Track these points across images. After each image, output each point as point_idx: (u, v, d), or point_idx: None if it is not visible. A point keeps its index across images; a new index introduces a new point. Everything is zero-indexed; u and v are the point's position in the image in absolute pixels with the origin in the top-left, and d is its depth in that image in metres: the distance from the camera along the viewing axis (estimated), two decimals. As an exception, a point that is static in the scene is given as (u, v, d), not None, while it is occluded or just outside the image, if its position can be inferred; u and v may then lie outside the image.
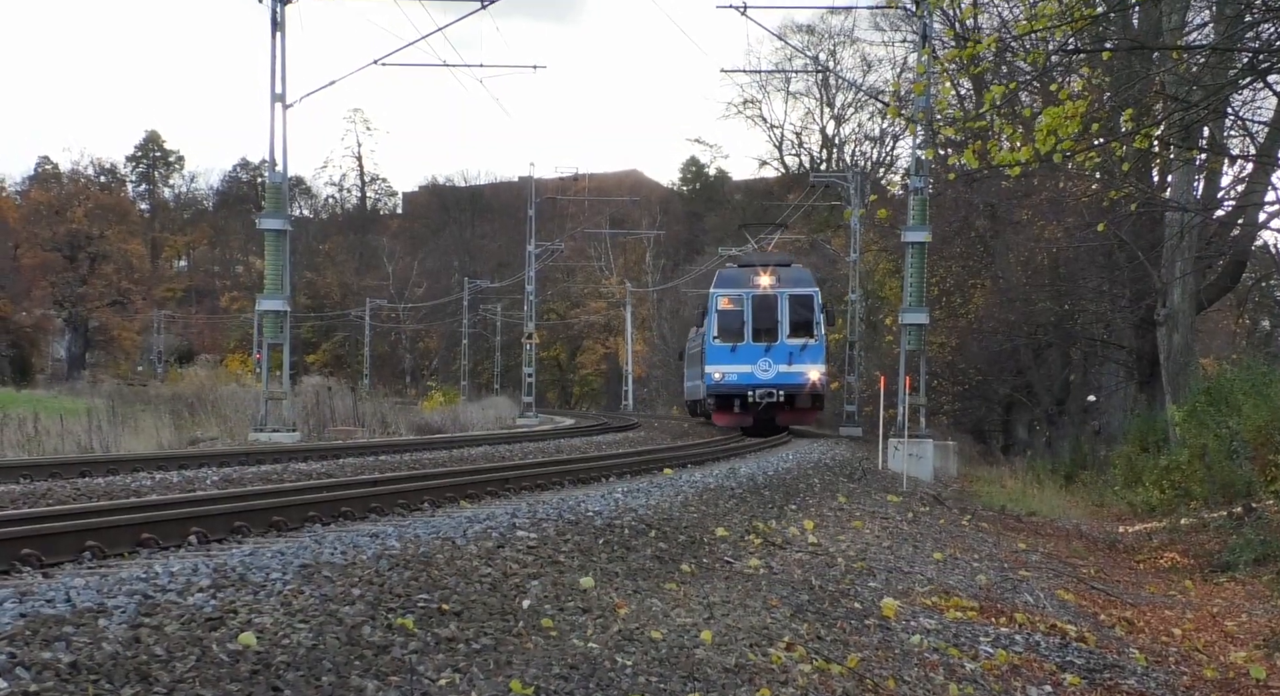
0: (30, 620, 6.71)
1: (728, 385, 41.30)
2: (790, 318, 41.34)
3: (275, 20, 33.12)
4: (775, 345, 41.22)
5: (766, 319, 41.44)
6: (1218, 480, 26.72)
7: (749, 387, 41.03)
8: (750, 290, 41.72)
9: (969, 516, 23.35)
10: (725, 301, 41.90)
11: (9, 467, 19.74)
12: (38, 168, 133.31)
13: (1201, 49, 22.08)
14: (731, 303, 41.81)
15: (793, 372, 41.04)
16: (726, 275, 43.24)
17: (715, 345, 41.81)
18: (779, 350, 41.22)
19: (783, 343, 41.22)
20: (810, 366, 41.21)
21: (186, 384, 63.53)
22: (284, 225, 33.52)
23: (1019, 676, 10.27)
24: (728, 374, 41.27)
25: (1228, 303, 47.13)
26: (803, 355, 41.13)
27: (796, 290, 41.72)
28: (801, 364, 41.12)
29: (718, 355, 41.60)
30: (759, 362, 41.07)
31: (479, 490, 16.84)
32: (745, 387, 41.06)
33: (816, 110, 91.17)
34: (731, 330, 41.60)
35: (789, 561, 13.17)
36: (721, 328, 41.71)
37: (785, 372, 41.04)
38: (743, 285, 41.97)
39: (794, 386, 40.96)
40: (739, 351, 41.31)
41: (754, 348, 41.39)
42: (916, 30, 38.20)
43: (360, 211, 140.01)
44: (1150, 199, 33.60)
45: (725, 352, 41.45)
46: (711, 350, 42.00)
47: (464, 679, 7.13)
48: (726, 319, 41.74)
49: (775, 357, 41.06)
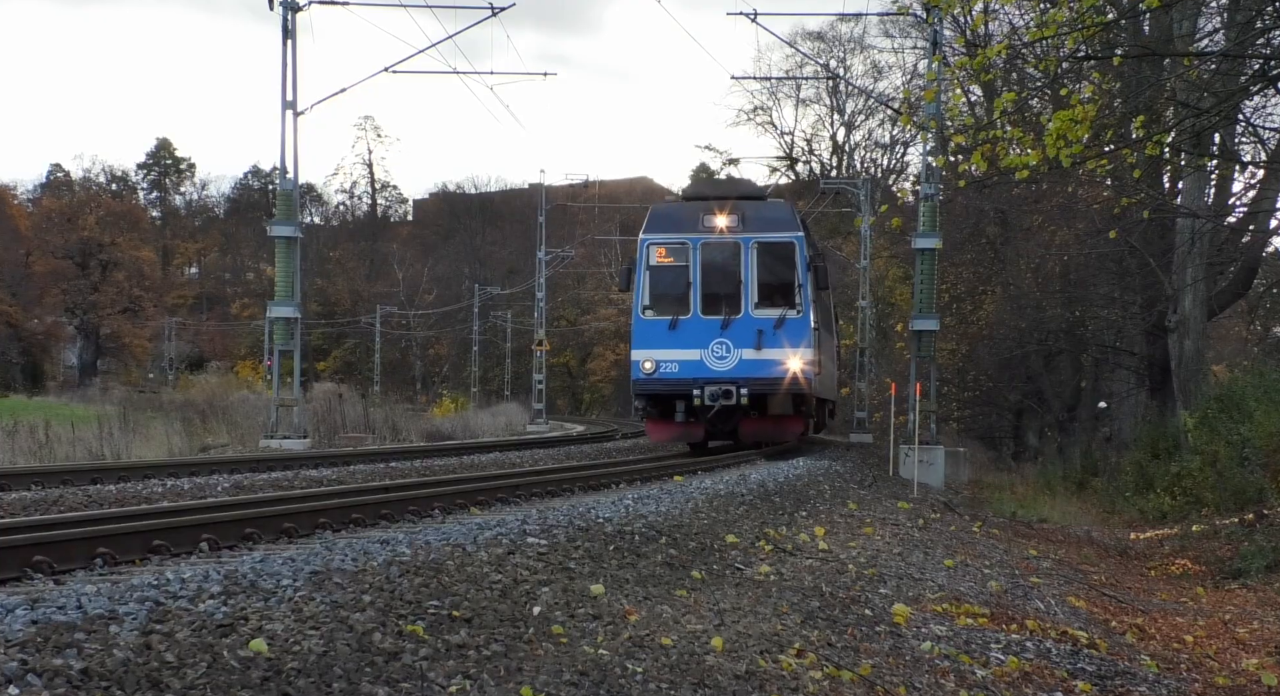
0: (42, 627, 6.72)
1: (664, 381, 28.51)
2: (760, 277, 28.81)
3: (286, 28, 33.19)
4: (737, 319, 28.61)
5: (724, 279, 28.85)
6: (1229, 487, 26.68)
7: (696, 383, 28.36)
8: (699, 235, 28.91)
9: (980, 523, 23.33)
10: (660, 253, 29.01)
11: (21, 474, 19.78)
12: (49, 175, 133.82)
13: (1212, 55, 22.05)
14: (670, 254, 29.02)
15: (763, 361, 28.39)
16: (664, 213, 29.93)
17: (645, 320, 28.91)
18: (742, 327, 28.62)
19: (748, 315, 28.61)
20: (790, 351, 28.47)
21: (197, 391, 63.62)
22: (295, 232, 33.57)
23: (1030, 683, 10.25)
24: (664, 363, 28.46)
25: (1239, 309, 47.01)
26: (779, 334, 28.51)
27: (770, 236, 28.90)
28: (776, 348, 28.47)
29: (649, 335, 28.80)
30: (712, 346, 28.45)
31: (489, 497, 16.84)
32: (690, 384, 28.36)
33: (827, 117, 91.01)
34: (670, 297, 28.90)
35: (799, 568, 13.16)
36: (655, 293, 28.96)
37: (752, 361, 28.40)
38: (688, 228, 29.06)
39: (765, 381, 28.43)
40: (682, 329, 28.54)
41: (704, 324, 28.65)
42: (926, 37, 38.23)
43: (371, 218, 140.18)
44: (1161, 205, 33.57)
45: (660, 332, 28.67)
46: (640, 328, 29.04)
47: (474, 685, 7.13)
48: (662, 279, 29.05)
49: (737, 338, 28.51)
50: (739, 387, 28.13)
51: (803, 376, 28.50)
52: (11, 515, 14.08)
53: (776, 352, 28.45)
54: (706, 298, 28.77)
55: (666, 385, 28.50)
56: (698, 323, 28.66)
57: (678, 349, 28.55)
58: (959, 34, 34.65)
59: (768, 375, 28.36)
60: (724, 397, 28.15)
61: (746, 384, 28.19)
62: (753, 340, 28.45)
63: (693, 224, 29.03)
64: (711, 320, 28.57)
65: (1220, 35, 27.74)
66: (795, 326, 28.70)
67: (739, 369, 28.36)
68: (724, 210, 29.03)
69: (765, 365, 28.43)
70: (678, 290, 28.80)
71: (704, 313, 28.67)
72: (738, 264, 28.81)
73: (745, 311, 28.64)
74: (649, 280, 28.96)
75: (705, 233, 28.92)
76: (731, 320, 28.55)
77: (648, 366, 28.62)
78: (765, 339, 28.48)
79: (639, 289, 28.95)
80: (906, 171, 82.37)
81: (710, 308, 28.67)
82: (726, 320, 28.51)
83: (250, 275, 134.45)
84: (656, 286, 28.99)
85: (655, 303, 28.96)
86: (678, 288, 28.82)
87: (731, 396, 28.12)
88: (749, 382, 28.23)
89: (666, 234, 29.09)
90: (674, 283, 28.89)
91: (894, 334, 56.83)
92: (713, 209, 29.08)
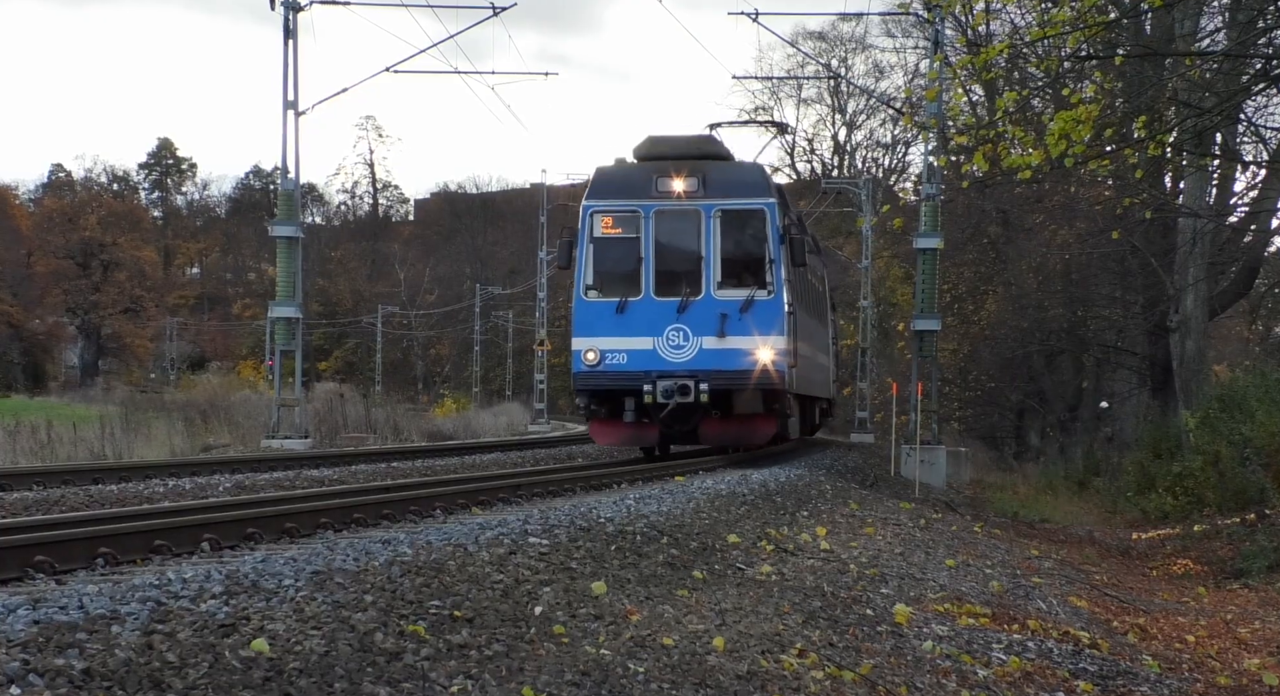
0: (43, 627, 6.73)
1: (610, 374, 24.77)
2: (725, 251, 25.07)
3: (288, 28, 33.19)
4: (697, 302, 24.79)
5: (681, 254, 25.10)
6: (1231, 487, 26.69)
7: (647, 377, 24.46)
8: (652, 202, 25.01)
9: (981, 523, 23.33)
10: (606, 223, 25.23)
11: (22, 474, 19.79)
12: (51, 175, 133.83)
13: (1214, 55, 22.06)
14: (617, 224, 25.22)
15: (728, 351, 24.68)
16: (610, 176, 25.97)
17: (588, 303, 25.20)
18: (703, 311, 24.78)
19: (710, 297, 24.81)
20: (760, 339, 24.70)
21: (199, 391, 63.65)
22: (296, 232, 33.57)
23: (1032, 683, 10.25)
24: (610, 354, 24.85)
25: (1240, 309, 47.03)
26: (746, 319, 24.77)
27: (737, 202, 25.08)
28: (743, 335, 24.76)
29: (593, 320, 25.12)
30: (667, 333, 24.75)
31: (491, 497, 16.85)
32: (640, 377, 24.51)
33: (828, 117, 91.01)
34: (617, 275, 25.23)
35: (801, 568, 13.16)
36: (600, 270, 25.20)
37: (714, 351, 24.67)
38: (639, 193, 25.14)
39: (730, 375, 24.61)
40: (631, 313, 24.88)
41: (658, 307, 24.84)
42: (928, 36, 38.28)
43: (372, 218, 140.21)
44: (1163, 205, 33.58)
45: (605, 316, 24.93)
46: (582, 312, 25.33)
47: (476, 685, 7.13)
48: (609, 254, 25.28)
49: (696, 324, 24.83)
50: (698, 382, 24.33)
51: (774, 368, 24.63)
52: (13, 515, 14.09)
53: (743, 341, 24.70)
54: (661, 276, 24.96)
55: (613, 379, 24.73)
56: (650, 305, 24.86)
57: (626, 336, 24.80)
58: (960, 33, 34.72)
59: (733, 367, 24.57)
60: (680, 394, 24.29)
61: (707, 378, 24.38)
62: (715, 326, 24.62)
63: (645, 188, 25.07)
64: (666, 302, 24.80)
65: (1222, 35, 27.74)
66: (766, 309, 24.81)
67: (699, 360, 24.61)
68: (682, 172, 25.08)
69: (730, 355, 24.62)
70: (626, 267, 25.01)
71: (657, 293, 24.88)
72: (698, 236, 24.96)
73: (706, 292, 24.82)
74: (593, 255, 25.08)
75: (660, 198, 24.98)
76: (690, 302, 24.72)
77: (590, 357, 24.82)
78: (730, 324, 24.65)
79: (581, 265, 25.10)
80: (908, 171, 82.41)
81: (665, 288, 24.91)
82: (684, 302, 24.70)
83: (252, 275, 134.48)
84: (602, 262, 25.16)
85: (600, 282, 25.16)
86: (626, 264, 25.01)
87: (689, 392, 24.29)
88: (710, 376, 24.41)
89: (613, 200, 25.17)
90: (622, 258, 25.07)
91: (895, 334, 56.89)
92: (669, 171, 25.07)
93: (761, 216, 25.03)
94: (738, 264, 25.07)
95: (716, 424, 25.23)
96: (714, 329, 24.57)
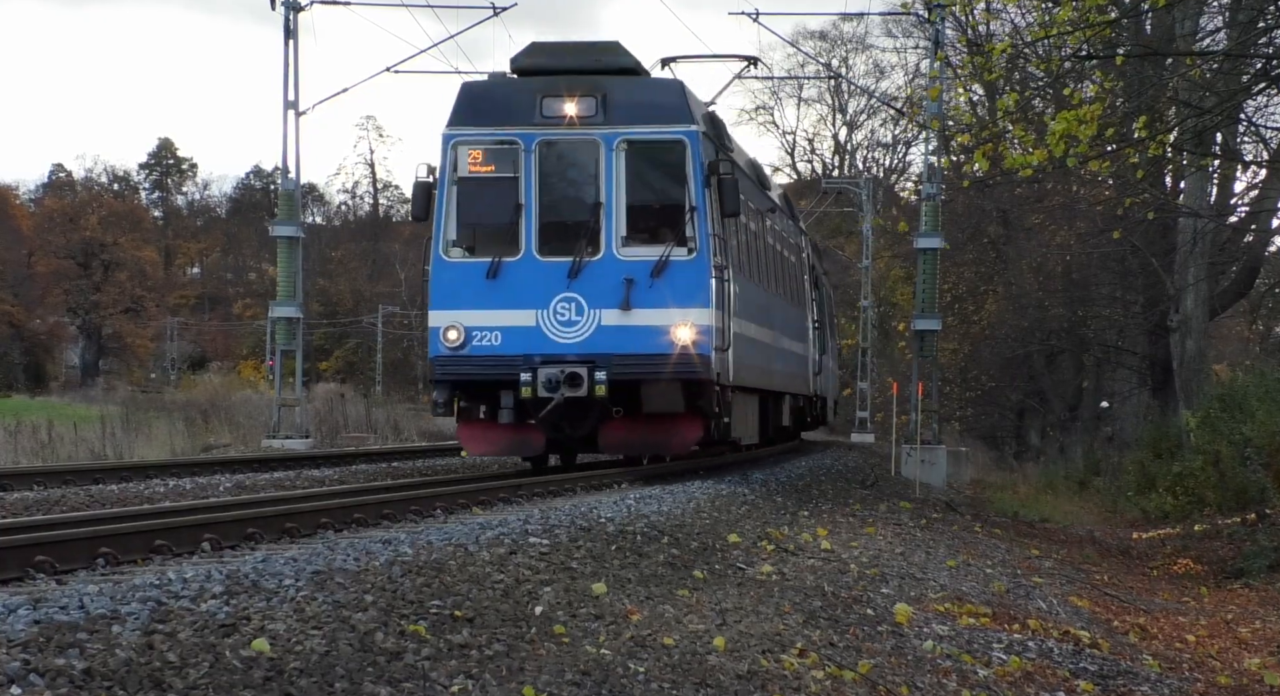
0: (44, 627, 6.73)
1: (478, 359, 19.32)
2: (632, 196, 19.51)
3: (288, 28, 33.18)
4: (594, 263, 19.36)
5: (573, 200, 19.78)
6: (1231, 486, 26.70)
7: (527, 364, 19.00)
8: (536, 130, 19.45)
9: (982, 523, 23.34)
10: (474, 158, 19.62)
11: (23, 474, 19.78)
12: (51, 175, 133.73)
13: (1214, 55, 22.08)
14: (489, 160, 19.66)
15: (635, 328, 19.19)
16: (481, 95, 20.22)
17: (450, 264, 19.72)
18: (602, 275, 19.36)
19: (611, 257, 19.36)
20: (678, 312, 19.20)
21: (200, 391, 63.62)
22: (297, 232, 33.56)
23: (1032, 683, 10.26)
24: (478, 332, 19.29)
25: (1241, 309, 47.07)
26: (660, 287, 19.27)
27: (647, 131, 19.54)
28: (656, 307, 19.21)
29: (455, 287, 19.61)
30: (554, 306, 19.26)
31: (491, 496, 16.84)
32: (518, 364, 19.01)
33: (829, 117, 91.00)
34: (489, 228, 20.04)
35: (801, 568, 13.17)
36: (465, 221, 19.89)
37: (617, 328, 19.24)
38: (518, 118, 19.53)
39: (637, 361, 19.12)
40: (507, 279, 19.33)
41: (543, 270, 19.41)
42: (929, 36, 38.30)
43: (373, 218, 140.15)
44: (1163, 205, 33.59)
45: (472, 282, 19.49)
46: (442, 276, 19.77)
47: (477, 685, 7.13)
48: (477, 200, 19.76)
49: (593, 293, 19.31)
50: (594, 370, 18.78)
51: (697, 352, 19.01)
52: (14, 515, 14.09)
53: (655, 315, 19.13)
54: (547, 229, 19.46)
55: (482, 366, 19.26)
56: (532, 268, 19.36)
57: (500, 309, 19.27)
58: (961, 33, 34.76)
59: (641, 350, 19.02)
60: (571, 385, 18.72)
61: (607, 364, 18.87)
62: (618, 296, 19.16)
63: (526, 111, 19.43)
64: (554, 264, 19.28)
65: (1222, 35, 27.74)
66: (687, 273, 19.26)
67: (596, 341, 19.15)
68: (576, 91, 19.37)
69: (637, 335, 19.09)
70: (500, 217, 19.63)
71: (542, 252, 19.33)
72: (596, 175, 19.46)
73: (607, 250, 19.29)
74: (456, 201, 19.54)
75: (546, 126, 19.39)
76: (585, 264, 19.22)
77: (452, 336, 19.24)
78: (638, 294, 19.12)
79: (440, 215, 19.55)
80: (908, 171, 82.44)
81: (552, 244, 19.37)
82: (577, 264, 19.16)
83: (252, 275, 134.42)
84: (468, 211, 19.71)
85: (466, 237, 19.92)
86: (500, 213, 19.59)
87: (582, 384, 18.70)
88: (611, 362, 18.91)
89: (484, 128, 19.64)
90: (495, 205, 19.61)
91: (896, 334, 56.90)
92: (558, 89, 19.40)
93: (680, 150, 19.49)
94: (649, 213, 19.73)
95: (620, 426, 19.60)
96: (616, 299, 19.19)
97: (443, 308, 19.66)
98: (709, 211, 19.66)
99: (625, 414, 19.49)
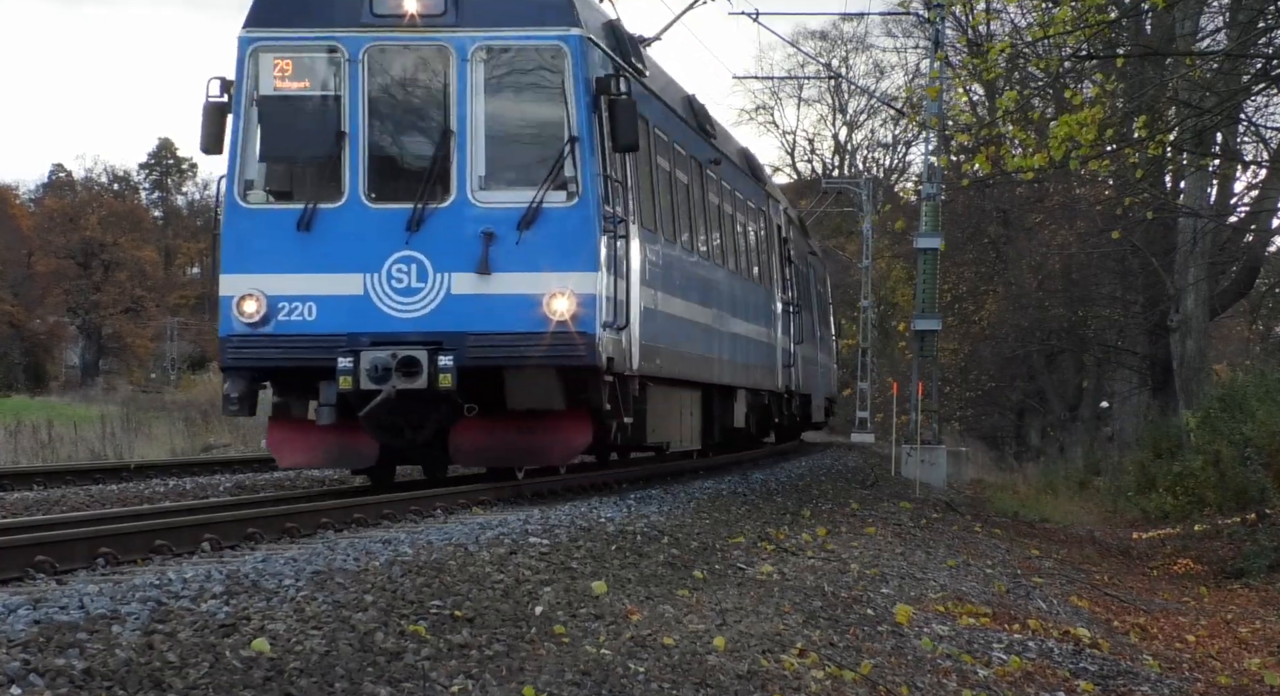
0: (44, 627, 6.73)
1: (283, 339, 15.19)
2: (492, 123, 15.33)
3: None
4: (441, 212, 15.19)
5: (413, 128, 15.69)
6: (1231, 486, 26.70)
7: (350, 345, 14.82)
8: (364, 32, 15.23)
9: (982, 523, 23.33)
10: (281, 68, 15.31)
11: (23, 474, 19.78)
12: (51, 175, 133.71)
13: (1214, 55, 22.09)
14: (300, 73, 15.43)
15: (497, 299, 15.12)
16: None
17: (249, 211, 15.39)
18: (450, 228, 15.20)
19: (464, 203, 15.20)
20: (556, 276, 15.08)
21: (200, 391, 63.67)
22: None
23: (1032, 683, 10.25)
24: (284, 303, 15.18)
25: (1241, 308, 47.07)
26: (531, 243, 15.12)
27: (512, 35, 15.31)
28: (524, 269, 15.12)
29: (255, 242, 15.34)
30: (388, 267, 15.16)
31: (492, 496, 16.84)
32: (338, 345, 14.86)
33: (829, 116, 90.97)
34: (299, 164, 15.91)
35: (801, 567, 13.17)
36: (271, 154, 15.66)
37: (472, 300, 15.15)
38: (339, 16, 15.31)
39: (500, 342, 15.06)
40: (324, 232, 15.21)
41: (372, 221, 15.26)
42: (929, 36, 38.28)
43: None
44: (1163, 204, 33.59)
45: (279, 236, 15.30)
46: (239, 227, 15.39)
47: (476, 685, 7.13)
48: (285, 126, 15.49)
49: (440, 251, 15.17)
50: (438, 354, 14.41)
51: (578, 328, 14.78)
52: (14, 515, 14.10)
53: (524, 280, 14.86)
54: (378, 166, 15.19)
55: (290, 348, 15.03)
56: (359, 218, 15.08)
57: (315, 272, 15.05)
58: (961, 33, 34.77)
59: (504, 327, 14.85)
60: (405, 374, 14.33)
61: (458, 346, 14.57)
62: (473, 255, 14.84)
63: (351, 8, 15.13)
64: (388, 213, 14.96)
65: (1222, 35, 27.74)
66: (566, 225, 14.97)
67: (444, 315, 14.86)
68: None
69: (500, 307, 14.84)
70: (316, 149, 15.35)
71: (372, 197, 15.06)
72: (445, 94, 15.16)
73: (460, 195, 14.97)
74: (257, 127, 15.21)
75: (378, 27, 15.10)
76: (430, 214, 14.87)
77: (249, 308, 14.97)
78: (501, 252, 14.82)
79: (235, 147, 15.08)
80: (908, 171, 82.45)
81: (386, 187, 15.12)
82: (419, 214, 14.85)
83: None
84: (273, 141, 15.37)
85: (270, 176, 15.58)
86: (316, 144, 15.31)
87: (420, 372, 14.30)
88: (464, 344, 14.64)
89: (295, 29, 15.29)
90: (309, 133, 15.32)
91: (896, 334, 56.90)
92: None
93: (557, 59, 15.13)
94: (516, 144, 15.41)
95: (477, 428, 15.19)
96: (472, 260, 14.85)
97: (237, 270, 15.11)
98: (597, 144, 15.11)
99: (484, 412, 15.03)
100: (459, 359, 14.56)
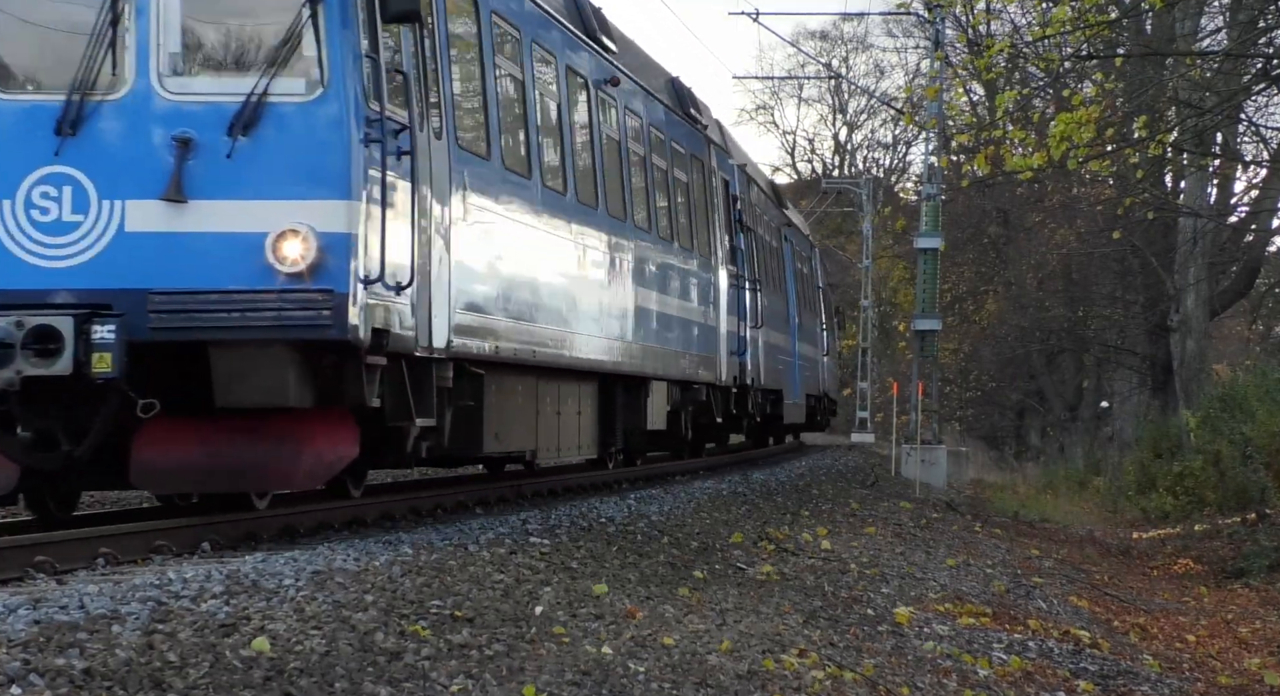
0: (44, 627, 6.73)
1: None
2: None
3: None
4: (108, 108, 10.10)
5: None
6: (1231, 486, 26.70)
7: None
8: None
9: (982, 523, 23.32)
10: None
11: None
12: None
13: (1215, 55, 22.10)
14: None
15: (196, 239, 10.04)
16: None
17: None
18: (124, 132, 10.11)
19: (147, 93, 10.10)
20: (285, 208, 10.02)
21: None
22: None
23: (1032, 683, 10.25)
24: None
25: (1241, 308, 47.08)
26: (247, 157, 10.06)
27: None
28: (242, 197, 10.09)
29: None
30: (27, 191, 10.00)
31: (492, 496, 16.84)
32: None
33: (829, 117, 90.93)
34: None
35: (802, 567, 13.16)
36: None
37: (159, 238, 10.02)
38: None
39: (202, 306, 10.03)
40: None
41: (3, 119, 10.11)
42: (929, 36, 38.24)
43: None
44: (1163, 204, 33.60)
45: None
46: None
47: (477, 685, 7.13)
48: None
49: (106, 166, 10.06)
50: (94, 322, 9.88)
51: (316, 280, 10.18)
52: (14, 515, 14.09)
53: (239, 211, 10.23)
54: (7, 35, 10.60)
55: None
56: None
57: None
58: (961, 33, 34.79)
59: (207, 283, 10.20)
60: (39, 352, 9.77)
61: (132, 309, 10.03)
62: (160, 174, 10.19)
63: None
64: (27, 109, 10.37)
65: (1222, 34, 27.75)
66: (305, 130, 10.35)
67: (113, 262, 10.18)
68: None
69: (201, 250, 10.21)
70: None
71: (4, 85, 10.46)
72: None
73: (140, 83, 10.28)
74: None
75: None
76: (93, 111, 10.23)
77: None
78: (204, 170, 10.23)
79: None
80: (908, 171, 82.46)
81: (25, 70, 10.70)
82: (75, 110, 10.17)
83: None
84: None
85: None
86: None
87: (59, 348, 9.76)
88: (142, 305, 10.09)
89: None
90: None
91: (896, 334, 56.93)
92: None
93: None
94: (227, 7, 10.76)
95: (171, 437, 10.53)
96: (158, 181, 10.20)
97: None
98: (356, 8, 10.45)
99: (186, 412, 10.50)
100: (132, 330, 9.93)
